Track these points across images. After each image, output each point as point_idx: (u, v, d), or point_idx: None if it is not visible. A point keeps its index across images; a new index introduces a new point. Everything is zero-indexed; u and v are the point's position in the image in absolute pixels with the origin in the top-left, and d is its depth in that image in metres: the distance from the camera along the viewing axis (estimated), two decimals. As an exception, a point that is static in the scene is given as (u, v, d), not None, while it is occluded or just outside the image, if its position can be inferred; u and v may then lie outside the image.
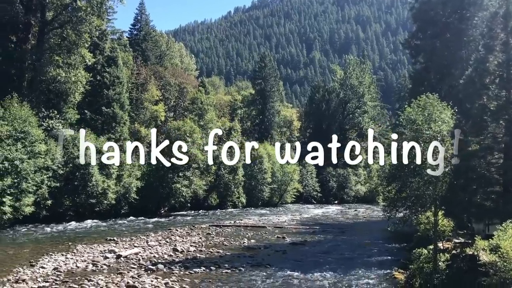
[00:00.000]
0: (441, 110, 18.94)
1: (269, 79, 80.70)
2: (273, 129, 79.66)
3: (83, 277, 14.97)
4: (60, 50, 37.82)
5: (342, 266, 18.07)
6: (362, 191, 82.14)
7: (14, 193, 28.40)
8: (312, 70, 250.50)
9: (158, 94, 54.15)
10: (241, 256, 20.35)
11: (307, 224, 36.18)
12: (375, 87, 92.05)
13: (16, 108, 31.09)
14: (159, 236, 26.09)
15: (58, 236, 26.01)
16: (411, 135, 19.09)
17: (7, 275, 14.92)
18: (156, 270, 16.43)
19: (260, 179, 59.49)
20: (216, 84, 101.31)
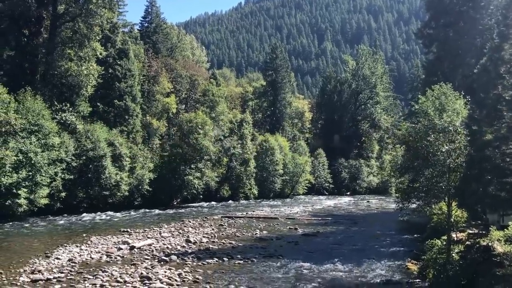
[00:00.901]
0: (454, 100, 18.74)
1: (280, 70, 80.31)
2: (284, 121, 79.39)
3: (97, 268, 15.14)
4: (71, 43, 38.04)
5: (355, 257, 18.03)
6: (375, 182, 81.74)
7: (29, 185, 28.82)
8: (323, 60, 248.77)
9: (170, 86, 54.26)
10: (254, 247, 20.41)
11: (319, 215, 36.15)
12: (388, 77, 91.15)
13: (29, 101, 31.42)
14: (172, 227, 26.27)
15: (73, 227, 26.32)
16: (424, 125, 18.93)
17: (23, 266, 15.16)
18: (169, 261, 16.55)
19: (272, 171, 59.51)
20: (227, 76, 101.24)
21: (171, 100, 52.86)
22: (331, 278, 14.59)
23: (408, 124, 23.76)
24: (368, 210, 43.92)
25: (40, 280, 13.29)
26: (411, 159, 21.25)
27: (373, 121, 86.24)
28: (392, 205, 36.84)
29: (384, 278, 14.60)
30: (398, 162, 32.73)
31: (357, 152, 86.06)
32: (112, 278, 13.67)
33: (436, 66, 35.19)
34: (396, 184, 34.51)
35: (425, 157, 16.70)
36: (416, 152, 18.55)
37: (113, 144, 37.03)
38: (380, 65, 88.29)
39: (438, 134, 15.86)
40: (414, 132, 19.96)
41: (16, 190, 27.75)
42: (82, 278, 13.63)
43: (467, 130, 15.09)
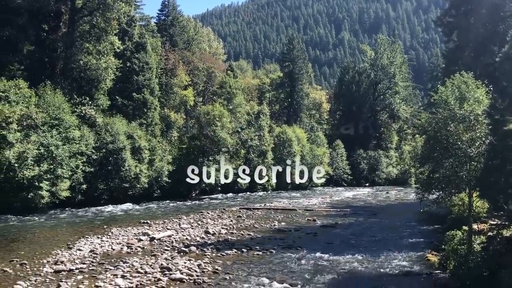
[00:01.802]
0: (475, 89, 18.37)
1: (298, 61, 79.84)
2: (302, 112, 79.04)
3: (118, 259, 15.36)
4: (90, 37, 38.41)
5: (374, 248, 17.94)
6: (394, 173, 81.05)
7: (51, 178, 29.35)
8: (341, 51, 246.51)
9: (187, 79, 54.44)
10: (272, 238, 20.46)
11: (338, 207, 36.01)
12: (407, 67, 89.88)
13: (50, 95, 31.90)
14: (191, 219, 26.49)
15: (94, 219, 26.73)
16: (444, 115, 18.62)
17: (46, 257, 15.46)
18: (188, 252, 16.70)
19: (290, 163, 59.38)
20: (244, 67, 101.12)
21: (188, 92, 53.06)
22: (350, 269, 14.55)
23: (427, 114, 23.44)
24: (387, 201, 43.59)
25: (63, 270, 13.55)
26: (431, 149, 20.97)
27: (392, 111, 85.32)
28: (411, 196, 36.49)
29: (403, 269, 14.50)
30: (417, 153, 32.39)
31: (376, 143, 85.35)
32: (133, 269, 13.86)
33: (457, 54, 34.55)
34: (416, 174, 34.16)
35: (445, 147, 16.45)
36: (436, 142, 18.29)
37: (132, 137, 37.41)
38: (399, 55, 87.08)
39: (458, 123, 15.60)
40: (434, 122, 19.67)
41: (38, 183, 28.28)
42: (104, 269, 13.85)
43: (488, 120, 14.80)
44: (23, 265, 14.20)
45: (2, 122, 27.15)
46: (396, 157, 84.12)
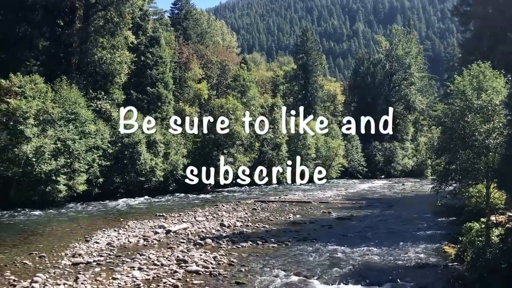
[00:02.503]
0: (493, 78, 18.05)
1: (312, 53, 79.38)
2: (316, 104, 78.66)
3: (135, 251, 15.52)
4: (104, 32, 38.63)
5: (390, 240, 17.84)
6: (410, 165, 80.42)
7: (68, 172, 29.73)
8: (355, 42, 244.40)
9: (201, 72, 54.54)
10: (287, 230, 20.47)
11: (353, 199, 35.87)
12: (422, 57, 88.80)
13: (66, 90, 32.23)
14: (206, 211, 26.63)
15: (110, 212, 27.03)
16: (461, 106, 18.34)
17: (64, 250, 15.69)
18: (204, 244, 16.80)
19: (304, 155, 59.25)
20: (258, 60, 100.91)
21: (202, 86, 53.18)
22: (365, 261, 14.50)
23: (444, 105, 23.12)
24: (403, 193, 43.28)
25: (80, 263, 13.74)
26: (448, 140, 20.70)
27: (407, 102, 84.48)
28: (428, 188, 36.14)
29: (420, 261, 14.40)
30: (434, 144, 32.01)
31: (392, 135, 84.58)
32: (150, 261, 14.00)
33: (474, 44, 33.98)
34: (432, 166, 33.82)
35: (462, 138, 16.23)
36: (453, 133, 18.05)
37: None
38: (415, 45, 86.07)
39: (476, 114, 15.36)
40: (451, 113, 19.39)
41: (56, 177, 28.67)
42: (121, 261, 14.01)
43: (507, 110, 14.55)
44: (42, 257, 14.44)
45: (20, 117, 27.52)
46: (412, 149, 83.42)
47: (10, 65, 33.03)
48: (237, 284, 11.81)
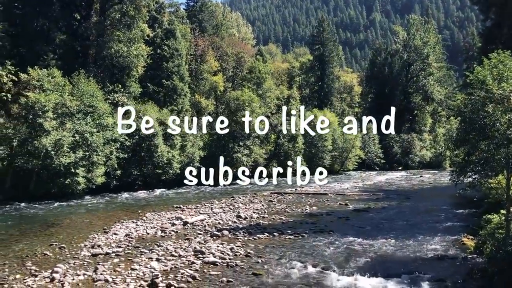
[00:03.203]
0: (515, 67, 17.67)
1: (328, 44, 78.81)
2: (332, 96, 78.22)
3: (153, 242, 15.67)
4: (120, 25, 38.92)
5: (407, 232, 17.69)
6: (428, 157, 79.53)
7: (86, 164, 30.12)
8: (372, 32, 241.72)
9: (216, 65, 54.56)
10: (304, 222, 20.44)
11: (370, 191, 35.65)
12: (441, 47, 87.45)
13: (83, 83, 32.56)
14: (222, 203, 26.74)
15: (128, 204, 27.32)
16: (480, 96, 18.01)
17: (83, 241, 15.92)
18: (221, 236, 16.87)
19: (321, 147, 59.03)
20: (273, 52, 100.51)
21: (218, 78, 53.22)
22: (383, 253, 14.41)
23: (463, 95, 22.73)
24: (421, 185, 42.85)
25: (99, 254, 13.93)
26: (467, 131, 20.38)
27: (425, 93, 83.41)
28: (446, 180, 35.73)
29: (438, 253, 14.25)
30: (452, 135, 31.59)
31: (409, 126, 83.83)
32: (167, 252, 14.12)
33: (494, 33, 33.27)
34: (451, 157, 33.43)
35: (482, 129, 15.95)
36: (472, 123, 17.74)
37: (164, 123, 37.89)
38: (433, 35, 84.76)
39: (497, 104, 15.06)
40: (470, 103, 19.07)
41: (74, 169, 29.08)
42: (139, 252, 14.16)
43: (528, 99, 14.26)
44: (62, 248, 14.67)
45: (39, 110, 27.90)
46: (430, 140, 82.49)
47: (28, 59, 33.53)
48: (254, 275, 11.84)
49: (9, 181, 28.06)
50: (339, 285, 11.12)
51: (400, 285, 11.14)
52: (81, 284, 10.94)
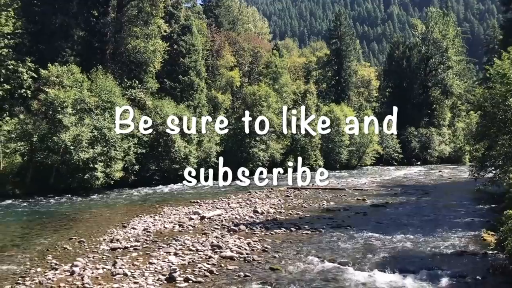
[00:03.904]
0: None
1: (345, 38, 78.15)
2: (350, 90, 77.62)
3: (170, 237, 15.77)
4: (137, 21, 39.21)
5: (426, 228, 17.48)
6: (447, 151, 78.57)
7: (105, 160, 30.48)
8: (390, 26, 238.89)
9: (233, 60, 54.56)
10: (321, 217, 20.35)
11: (388, 186, 35.35)
12: (460, 40, 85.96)
13: (101, 79, 32.89)
14: (239, 198, 26.81)
15: (146, 199, 27.58)
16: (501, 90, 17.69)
17: (102, 235, 16.12)
18: (238, 230, 16.90)
19: (338, 142, 58.77)
20: (290, 46, 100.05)
21: (234, 73, 53.23)
22: (401, 249, 14.26)
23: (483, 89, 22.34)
24: (440, 180, 42.33)
25: (118, 248, 14.08)
26: (487, 125, 20.06)
27: (444, 87, 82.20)
28: (465, 175, 35.23)
29: (458, 249, 14.05)
30: (472, 129, 31.16)
31: (428, 120, 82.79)
32: (185, 247, 14.20)
33: (516, 24, 32.66)
34: (471, 152, 32.94)
35: (503, 123, 15.68)
36: (493, 118, 17.47)
37: (181, 119, 38.06)
38: (452, 28, 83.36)
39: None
40: (490, 97, 18.75)
41: (93, 164, 29.45)
42: (157, 247, 14.27)
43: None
44: (81, 242, 14.88)
45: (58, 106, 28.30)
46: (449, 135, 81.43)
47: (47, 56, 34.00)
48: (271, 270, 11.83)
49: (29, 176, 28.58)
50: (356, 281, 11.04)
51: (418, 281, 11.01)
52: (100, 278, 11.07)
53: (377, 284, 10.78)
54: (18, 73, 32.48)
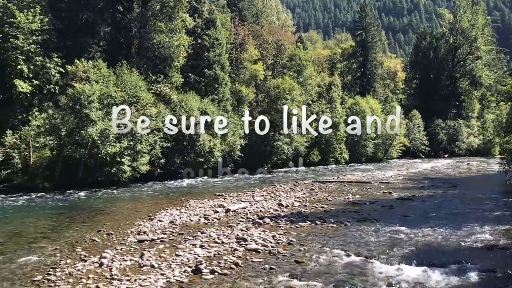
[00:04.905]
0: None
1: (370, 29, 77.06)
2: (375, 82, 76.59)
3: (196, 229, 15.91)
4: (162, 16, 39.47)
5: (455, 221, 17.15)
6: (475, 144, 76.94)
7: (131, 153, 30.91)
8: (417, 16, 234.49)
9: (256, 53, 54.44)
10: (346, 211, 20.20)
11: (415, 179, 34.82)
12: (490, 29, 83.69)
13: (127, 74, 33.31)
14: (263, 191, 26.81)
15: (172, 192, 27.87)
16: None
17: (130, 227, 16.37)
18: (263, 223, 16.93)
19: (363, 134, 58.13)
20: (314, 38, 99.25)
21: (258, 66, 53.14)
22: (428, 242, 14.04)
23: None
24: (468, 173, 41.47)
25: (145, 240, 14.28)
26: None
27: (473, 78, 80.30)
28: (495, 167, 34.43)
29: (487, 243, 13.74)
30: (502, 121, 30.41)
31: (456, 112, 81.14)
32: (210, 239, 14.30)
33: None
34: (501, 144, 32.17)
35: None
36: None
37: (205, 113, 38.28)
38: (481, 17, 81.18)
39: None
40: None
41: (120, 158, 29.91)
42: (183, 239, 14.41)
43: None
44: (109, 235, 15.14)
45: (85, 101, 28.81)
46: (478, 126, 79.65)
47: (74, 52, 34.65)
48: (296, 263, 11.82)
49: (58, 170, 29.22)
50: (383, 274, 10.93)
51: (446, 275, 10.82)
52: (128, 269, 11.25)
53: (404, 278, 10.64)
54: (46, 69, 33.22)
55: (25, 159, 29.19)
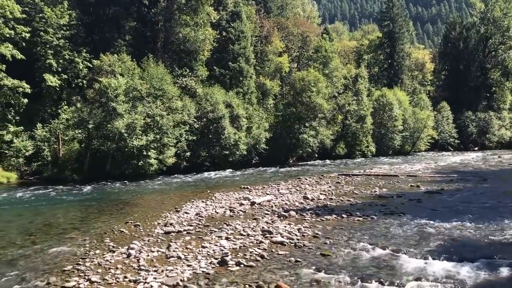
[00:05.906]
0: None
1: (398, 19, 75.67)
2: (403, 74, 75.29)
3: (222, 222, 15.99)
4: (187, 9, 39.63)
5: (484, 215, 16.73)
6: (507, 136, 74.94)
7: (158, 146, 31.28)
8: (446, 6, 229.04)
9: (281, 45, 54.17)
10: (373, 204, 19.95)
11: (443, 173, 34.15)
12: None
13: (152, 68, 33.64)
14: (289, 184, 26.75)
15: (198, 184, 28.08)
16: None
17: (157, 219, 16.58)
18: (288, 216, 16.88)
19: (390, 127, 57.38)
20: (340, 30, 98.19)
21: (283, 59, 52.91)
22: (457, 236, 13.74)
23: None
24: (499, 166, 40.41)
25: (172, 232, 14.43)
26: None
27: (505, 68, 78.08)
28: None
29: (520, 238, 13.37)
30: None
31: (486, 104, 79.11)
32: (236, 232, 14.35)
33: None
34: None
35: None
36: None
37: (230, 106, 38.39)
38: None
39: None
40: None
41: (147, 151, 30.31)
42: (209, 231, 14.51)
43: None
44: (137, 226, 15.37)
45: (111, 94, 29.23)
46: (510, 119, 77.49)
47: (100, 46, 35.17)
48: (322, 256, 11.74)
49: (87, 162, 29.81)
50: (410, 268, 10.75)
51: (476, 270, 10.57)
52: (155, 260, 11.39)
53: (432, 273, 10.45)
54: (74, 63, 33.83)
55: (54, 152, 29.89)
